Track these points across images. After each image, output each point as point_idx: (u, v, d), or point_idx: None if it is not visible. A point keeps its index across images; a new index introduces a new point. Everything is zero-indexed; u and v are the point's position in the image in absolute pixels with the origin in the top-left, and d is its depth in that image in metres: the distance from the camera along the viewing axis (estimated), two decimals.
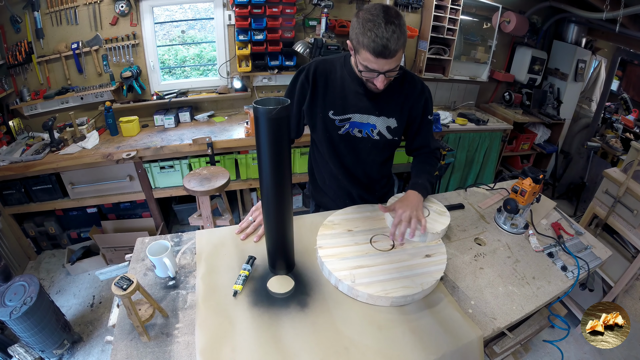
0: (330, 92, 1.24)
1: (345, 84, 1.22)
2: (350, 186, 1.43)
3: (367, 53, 1.00)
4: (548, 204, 1.58)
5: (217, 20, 2.75)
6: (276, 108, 0.80)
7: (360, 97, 1.23)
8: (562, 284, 1.16)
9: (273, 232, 1.01)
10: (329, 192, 1.48)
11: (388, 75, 1.07)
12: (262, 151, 0.87)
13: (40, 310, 1.73)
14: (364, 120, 1.26)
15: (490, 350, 1.48)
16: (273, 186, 0.92)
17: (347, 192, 1.45)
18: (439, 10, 2.97)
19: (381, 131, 1.28)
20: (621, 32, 2.80)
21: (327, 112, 1.25)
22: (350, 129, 1.27)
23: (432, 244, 1.19)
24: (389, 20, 0.97)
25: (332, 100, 1.24)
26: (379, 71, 1.04)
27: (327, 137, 1.30)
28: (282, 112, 0.81)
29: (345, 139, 1.29)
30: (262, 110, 0.80)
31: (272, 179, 0.91)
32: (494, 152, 3.29)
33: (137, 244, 1.20)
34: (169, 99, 2.76)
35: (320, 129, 1.29)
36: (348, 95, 1.23)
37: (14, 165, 2.24)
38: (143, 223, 2.75)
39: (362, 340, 0.90)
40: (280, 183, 0.92)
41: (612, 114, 3.77)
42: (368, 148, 1.31)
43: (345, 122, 1.26)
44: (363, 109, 1.24)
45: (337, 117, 1.25)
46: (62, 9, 2.41)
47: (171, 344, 0.88)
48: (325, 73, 1.23)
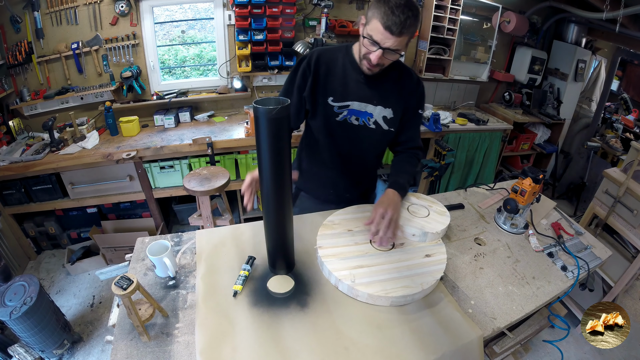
0: (332, 79, 1.26)
1: (347, 71, 1.25)
2: (339, 177, 1.44)
3: (378, 23, 1.04)
4: (548, 204, 1.58)
5: (217, 20, 2.75)
6: (276, 108, 0.80)
7: (360, 86, 1.25)
8: (562, 284, 1.16)
9: (273, 231, 1.01)
10: (315, 178, 1.48)
11: (386, 55, 1.10)
12: (263, 151, 0.87)
13: (40, 310, 1.73)
14: (362, 109, 1.27)
15: (490, 350, 1.48)
16: (273, 185, 0.92)
17: (335, 182, 1.46)
18: (439, 10, 2.97)
19: (377, 121, 1.29)
20: (621, 32, 2.79)
21: (327, 98, 1.26)
22: (348, 116, 1.28)
23: (432, 244, 1.19)
24: (410, 6, 1.03)
25: (332, 87, 1.26)
26: (380, 44, 1.06)
27: (324, 123, 1.31)
28: (282, 112, 0.82)
29: (342, 126, 1.30)
30: (262, 110, 0.80)
31: (272, 178, 0.91)
32: (494, 152, 3.29)
33: (137, 244, 1.20)
34: (169, 99, 2.76)
35: (320, 114, 1.30)
36: (349, 82, 1.25)
37: (14, 165, 2.24)
38: (143, 223, 2.75)
39: (362, 340, 0.90)
40: (281, 182, 0.92)
41: (612, 114, 3.77)
42: (364, 137, 1.33)
43: (344, 109, 1.27)
44: (362, 97, 1.26)
45: (336, 104, 1.26)
46: (62, 9, 2.41)
47: (171, 343, 0.88)
48: (328, 61, 1.26)
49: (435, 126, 2.86)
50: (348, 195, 1.49)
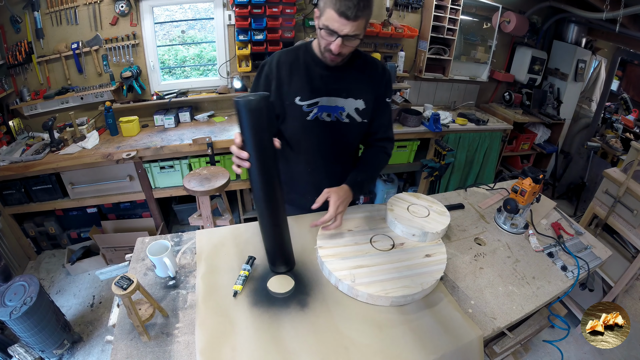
0: (296, 79, 1.23)
1: (310, 68, 1.22)
2: (321, 179, 1.39)
3: (331, 11, 1.02)
4: (548, 204, 1.58)
5: (217, 20, 2.75)
6: (256, 98, 0.86)
7: (326, 80, 1.22)
8: (562, 284, 1.16)
9: (266, 223, 1.02)
10: (297, 187, 1.45)
11: (345, 42, 1.07)
12: (247, 143, 0.91)
13: (40, 310, 1.73)
14: (332, 103, 1.25)
15: (490, 350, 1.48)
16: (261, 175, 0.94)
17: (317, 186, 1.40)
18: (439, 10, 2.97)
19: (350, 113, 1.27)
20: (621, 32, 2.80)
21: (294, 98, 1.23)
22: (319, 114, 1.25)
23: (432, 244, 1.19)
24: None
25: (298, 87, 1.23)
26: (338, 33, 1.05)
27: (296, 125, 1.28)
28: (261, 102, 0.87)
29: (315, 125, 1.27)
30: (242, 102, 0.86)
31: (259, 167, 0.93)
32: (494, 152, 3.29)
33: (137, 244, 1.20)
34: (169, 99, 2.76)
35: (290, 117, 1.27)
36: (314, 79, 1.22)
37: (14, 165, 2.23)
38: (143, 223, 2.75)
39: (362, 340, 0.90)
40: (268, 171, 0.95)
41: (612, 114, 3.77)
42: (339, 132, 1.30)
43: (314, 107, 1.24)
44: (330, 91, 1.23)
45: (304, 103, 1.23)
46: (62, 9, 2.41)
47: (171, 343, 0.88)
48: (289, 61, 1.23)
49: (435, 126, 2.86)
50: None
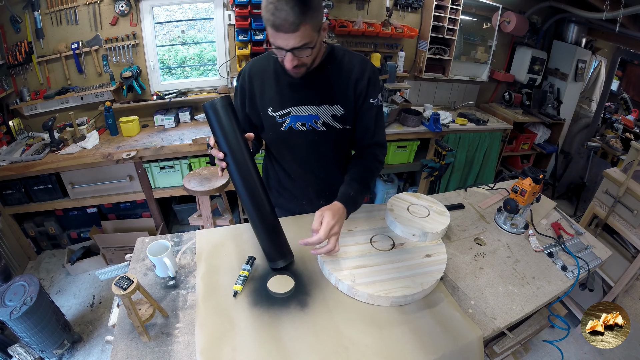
0: (267, 89, 1.18)
1: (280, 77, 1.15)
2: (305, 186, 1.36)
3: (269, 28, 0.93)
4: (548, 204, 1.58)
5: (217, 20, 2.75)
6: (218, 99, 0.94)
7: (296, 89, 1.15)
8: (562, 284, 1.16)
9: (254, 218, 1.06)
10: (284, 193, 1.42)
11: (297, 55, 0.98)
12: (220, 142, 0.98)
13: (40, 310, 1.73)
14: (304, 112, 1.17)
15: (490, 350, 1.48)
16: (237, 169, 1.00)
17: (302, 193, 1.39)
18: (439, 10, 2.97)
19: (326, 121, 1.19)
20: (621, 32, 2.80)
21: (266, 109, 1.18)
22: (292, 124, 1.19)
23: (432, 244, 1.19)
24: None
25: (269, 97, 1.18)
26: (284, 48, 0.96)
27: (272, 136, 1.24)
28: (225, 100, 0.95)
29: (290, 135, 1.21)
30: (207, 104, 0.95)
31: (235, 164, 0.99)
32: (494, 152, 3.29)
33: (137, 244, 1.20)
34: (169, 99, 2.76)
35: (266, 128, 1.23)
36: (284, 89, 1.16)
37: (14, 165, 2.24)
38: (143, 223, 2.75)
39: (362, 340, 0.90)
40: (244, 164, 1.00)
41: (612, 114, 3.77)
42: (316, 141, 1.22)
43: (286, 117, 1.18)
44: (301, 100, 1.16)
45: (276, 114, 1.18)
46: (62, 9, 2.41)
47: (171, 343, 0.88)
48: (260, 70, 1.18)
49: (435, 126, 2.86)
50: (322, 201, 1.37)
